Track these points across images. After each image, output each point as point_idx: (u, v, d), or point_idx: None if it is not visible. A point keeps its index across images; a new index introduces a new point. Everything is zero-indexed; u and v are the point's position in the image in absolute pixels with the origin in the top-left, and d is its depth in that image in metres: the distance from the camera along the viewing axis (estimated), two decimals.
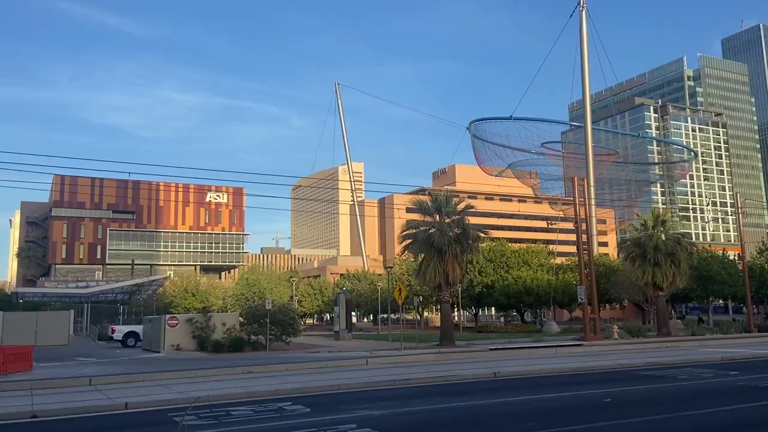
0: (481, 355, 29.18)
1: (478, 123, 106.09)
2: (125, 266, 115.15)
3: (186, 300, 75.88)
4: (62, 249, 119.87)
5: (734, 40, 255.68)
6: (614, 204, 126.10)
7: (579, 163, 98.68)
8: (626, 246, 46.07)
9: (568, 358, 26.90)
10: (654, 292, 42.52)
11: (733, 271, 57.54)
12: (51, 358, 29.67)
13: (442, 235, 34.54)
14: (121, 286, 76.90)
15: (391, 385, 18.56)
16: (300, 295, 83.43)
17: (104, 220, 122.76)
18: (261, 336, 35.41)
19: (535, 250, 67.39)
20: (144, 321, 45.89)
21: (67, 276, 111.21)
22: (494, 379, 20.03)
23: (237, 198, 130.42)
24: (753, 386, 16.86)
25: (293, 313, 41.14)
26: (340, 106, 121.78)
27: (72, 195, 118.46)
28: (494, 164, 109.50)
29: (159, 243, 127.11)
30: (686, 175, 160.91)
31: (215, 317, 36.36)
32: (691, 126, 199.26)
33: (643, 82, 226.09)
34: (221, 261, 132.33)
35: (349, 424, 11.77)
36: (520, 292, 57.64)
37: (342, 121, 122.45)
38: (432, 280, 35.50)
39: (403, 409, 13.99)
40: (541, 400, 15.33)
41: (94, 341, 55.27)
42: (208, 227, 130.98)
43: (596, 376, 19.89)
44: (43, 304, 75.26)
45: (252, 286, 75.24)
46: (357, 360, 26.21)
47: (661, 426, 11.60)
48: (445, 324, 37.11)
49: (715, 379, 18.79)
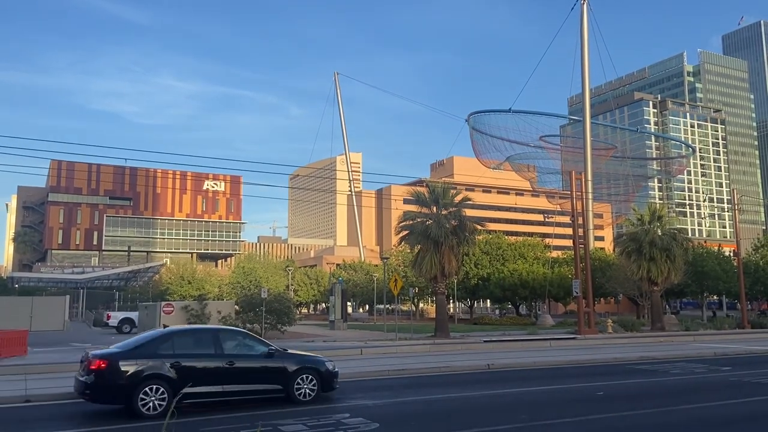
0: (476, 347, 29.28)
1: (477, 115, 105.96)
2: (122, 253, 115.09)
3: (182, 287, 75.91)
4: (59, 234, 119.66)
5: (735, 36, 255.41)
6: (611, 198, 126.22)
7: (577, 157, 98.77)
8: (622, 241, 46.22)
9: (561, 351, 27.03)
10: (649, 287, 42.69)
11: (728, 267, 57.72)
12: (46, 344, 29.69)
13: (438, 227, 34.58)
14: (117, 273, 76.92)
15: (385, 375, 18.63)
16: (296, 285, 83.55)
17: (101, 206, 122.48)
18: (256, 324, 35.45)
19: (531, 243, 67.49)
20: (140, 308, 45.94)
21: (63, 261, 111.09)
22: (488, 370, 20.12)
23: (234, 186, 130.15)
24: (745, 381, 16.97)
25: (289, 303, 41.20)
26: (339, 95, 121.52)
27: (69, 180, 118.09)
28: (492, 157, 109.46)
29: (156, 230, 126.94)
30: (684, 170, 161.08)
31: (211, 305, 36.43)
32: (689, 122, 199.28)
33: (643, 77, 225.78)
34: (218, 249, 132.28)
35: (342, 413, 11.83)
36: (515, 285, 57.78)
37: (341, 111, 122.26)
38: (428, 271, 35.57)
39: (397, 399, 14.06)
40: (534, 392, 15.41)
41: (89, 327, 55.31)
42: (205, 215, 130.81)
43: (589, 370, 19.98)
44: (38, 290, 75.23)
45: (248, 275, 75.27)
46: (352, 350, 26.28)
47: (652, 419, 11.66)
48: (440, 315, 37.23)
49: (708, 374, 18.89)
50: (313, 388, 13.36)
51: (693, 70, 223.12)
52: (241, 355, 13.03)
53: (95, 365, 11.83)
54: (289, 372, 13.27)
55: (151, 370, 11.93)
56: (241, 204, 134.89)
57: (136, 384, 11.72)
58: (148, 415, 11.58)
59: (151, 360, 12.10)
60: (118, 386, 11.77)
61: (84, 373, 12.04)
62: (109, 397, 12.16)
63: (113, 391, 11.90)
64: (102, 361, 11.90)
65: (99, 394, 12.01)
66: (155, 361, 12.11)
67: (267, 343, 13.85)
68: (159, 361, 12.12)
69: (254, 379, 12.97)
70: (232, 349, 13.10)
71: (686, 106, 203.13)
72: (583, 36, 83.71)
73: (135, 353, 12.29)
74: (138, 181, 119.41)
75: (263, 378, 13.08)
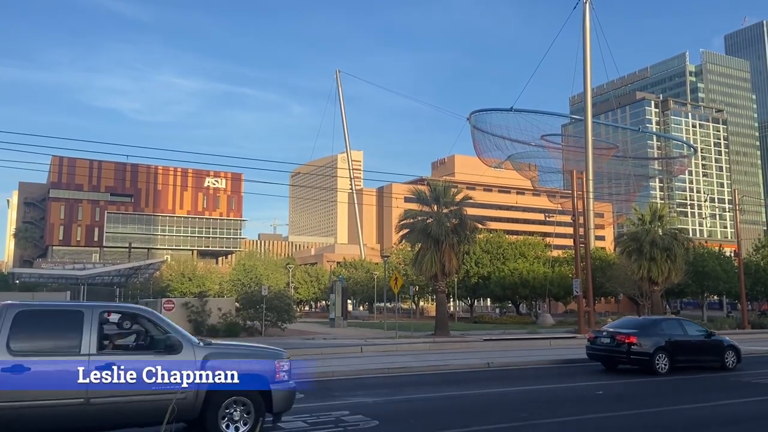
0: (476, 346, 29.31)
1: (478, 114, 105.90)
2: (122, 249, 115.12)
3: (182, 284, 75.96)
4: (59, 230, 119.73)
5: (737, 36, 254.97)
6: (612, 198, 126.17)
7: (578, 157, 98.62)
8: (623, 240, 46.17)
9: (561, 350, 27.04)
10: (649, 287, 42.64)
11: (729, 267, 57.71)
12: None
13: (439, 225, 34.59)
14: (118, 269, 76.85)
15: (385, 373, 18.65)
16: (296, 282, 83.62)
17: (102, 202, 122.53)
18: (256, 322, 35.55)
19: (532, 242, 67.52)
20: (140, 304, 45.97)
21: (64, 258, 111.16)
22: (487, 369, 20.13)
23: (235, 184, 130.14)
24: (744, 382, 17.02)
25: (289, 300, 41.29)
26: (340, 93, 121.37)
27: (70, 177, 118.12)
28: (493, 156, 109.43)
29: (156, 227, 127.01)
30: (685, 170, 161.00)
31: (211, 302, 36.47)
32: (691, 122, 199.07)
33: (645, 76, 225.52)
34: (218, 246, 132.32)
35: (342, 411, 11.86)
36: (516, 284, 57.82)
37: (342, 109, 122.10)
38: (428, 269, 35.58)
39: (396, 397, 14.09)
40: (534, 391, 15.43)
41: None
42: (205, 212, 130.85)
43: (589, 368, 20.00)
44: (39, 285, 75.22)
45: (249, 272, 75.30)
46: (352, 348, 26.33)
47: (651, 419, 11.70)
48: (441, 314, 37.28)
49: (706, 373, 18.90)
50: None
51: (695, 69, 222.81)
52: None
53: (626, 339, 18.29)
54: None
55: (658, 344, 18.18)
56: (242, 201, 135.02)
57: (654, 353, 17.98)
58: (661, 373, 17.77)
59: (655, 337, 18.43)
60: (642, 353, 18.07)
61: (613, 344, 18.63)
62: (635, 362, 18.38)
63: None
64: (629, 338, 18.28)
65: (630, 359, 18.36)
66: (657, 338, 18.41)
67: None
68: (659, 338, 18.43)
69: None
70: None
71: (688, 106, 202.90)
72: (586, 35, 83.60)
73: (645, 332, 18.57)
74: (139, 177, 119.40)
75: None
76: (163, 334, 8.70)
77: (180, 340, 8.58)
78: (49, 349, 8.10)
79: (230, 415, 8.64)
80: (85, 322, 8.22)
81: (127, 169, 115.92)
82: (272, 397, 8.90)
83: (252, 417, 8.74)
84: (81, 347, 8.06)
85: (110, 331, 8.90)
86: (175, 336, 8.60)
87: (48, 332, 8.25)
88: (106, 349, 8.37)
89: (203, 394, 8.38)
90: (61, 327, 8.28)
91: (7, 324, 7.89)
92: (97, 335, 8.21)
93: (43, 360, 7.88)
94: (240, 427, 8.67)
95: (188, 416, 8.46)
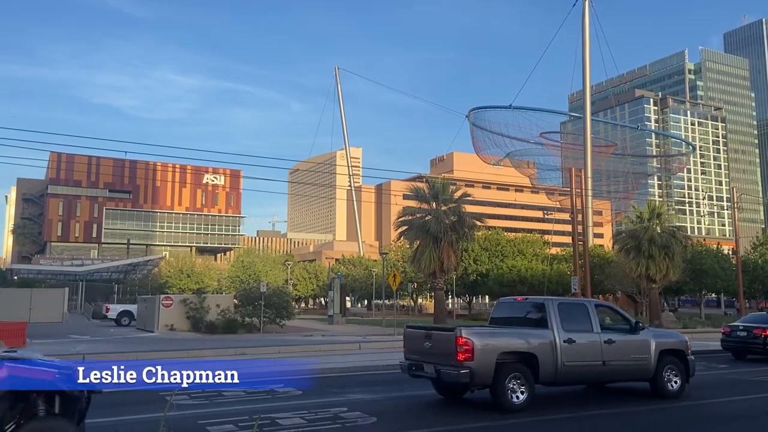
0: None
1: (477, 111, 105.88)
2: (121, 245, 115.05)
3: (181, 281, 76.05)
4: (58, 227, 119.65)
5: (736, 34, 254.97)
6: (611, 196, 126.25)
7: (577, 154, 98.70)
8: (621, 238, 46.21)
9: None
10: (647, 285, 42.69)
11: (727, 265, 57.80)
12: (45, 335, 29.71)
13: (437, 223, 34.64)
14: (117, 265, 76.88)
15: (383, 370, 18.66)
16: (295, 279, 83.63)
17: (100, 198, 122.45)
18: (255, 318, 35.52)
19: (530, 239, 67.55)
20: (138, 300, 45.95)
21: (63, 254, 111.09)
22: None
23: (234, 180, 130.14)
24: (742, 380, 17.05)
25: (287, 297, 41.28)
26: (339, 90, 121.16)
27: (68, 173, 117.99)
28: (492, 153, 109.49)
29: (155, 223, 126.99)
30: (684, 168, 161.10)
31: (210, 298, 36.45)
32: (690, 119, 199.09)
33: (644, 74, 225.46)
34: (217, 243, 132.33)
35: (340, 407, 11.87)
36: (514, 281, 57.83)
37: (341, 106, 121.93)
38: (427, 266, 35.64)
39: (394, 394, 14.13)
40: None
41: (88, 319, 55.36)
42: (204, 209, 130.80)
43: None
44: (37, 281, 75.17)
45: (247, 269, 75.37)
46: (350, 344, 26.32)
47: (650, 417, 11.73)
48: (439, 311, 37.33)
49: (705, 371, 18.93)
50: None
51: (694, 67, 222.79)
52: None
53: (764, 332, 20.65)
54: None
55: None
56: (240, 198, 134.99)
57: None
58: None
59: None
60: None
61: (749, 336, 21.05)
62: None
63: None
64: (765, 331, 20.69)
65: None
66: None
67: None
68: None
69: None
70: None
71: (687, 104, 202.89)
72: (585, 33, 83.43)
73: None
74: (138, 174, 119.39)
75: None
76: (626, 322, 13.34)
77: (641, 324, 13.42)
78: (577, 329, 12.37)
79: (668, 375, 13.23)
80: (590, 311, 12.78)
81: (125, 165, 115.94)
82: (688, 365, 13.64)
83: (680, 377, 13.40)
84: (593, 328, 12.54)
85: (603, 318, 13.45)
86: (634, 321, 13.45)
87: (574, 318, 12.58)
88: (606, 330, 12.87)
89: (656, 358, 12.95)
90: (576, 314, 12.74)
91: (555, 311, 12.31)
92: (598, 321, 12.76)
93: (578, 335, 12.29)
94: (678, 383, 13.28)
95: (646, 376, 13.00)
